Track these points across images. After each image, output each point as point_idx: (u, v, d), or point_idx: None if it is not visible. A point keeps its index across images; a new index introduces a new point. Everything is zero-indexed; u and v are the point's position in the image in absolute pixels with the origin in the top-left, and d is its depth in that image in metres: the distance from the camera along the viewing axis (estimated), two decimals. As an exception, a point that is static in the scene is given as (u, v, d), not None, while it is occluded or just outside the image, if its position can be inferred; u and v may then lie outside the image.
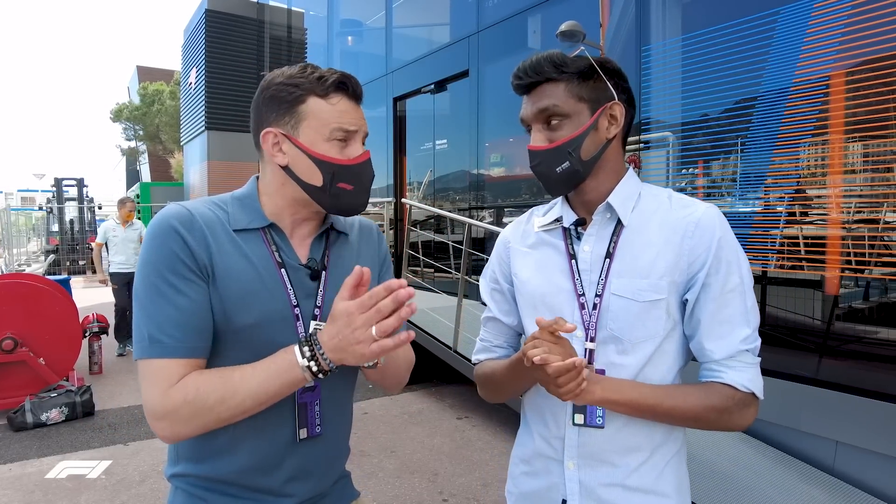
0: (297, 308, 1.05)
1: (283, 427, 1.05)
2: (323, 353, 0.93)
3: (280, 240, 1.08)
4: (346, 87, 1.05)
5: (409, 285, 0.92)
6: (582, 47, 1.12)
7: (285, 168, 1.06)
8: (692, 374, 1.09)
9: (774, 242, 3.30)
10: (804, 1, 3.09)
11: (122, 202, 6.95)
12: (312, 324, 1.06)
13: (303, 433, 1.06)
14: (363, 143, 1.10)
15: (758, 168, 3.37)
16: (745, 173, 3.45)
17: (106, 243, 6.81)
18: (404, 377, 1.20)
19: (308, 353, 0.93)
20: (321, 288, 1.09)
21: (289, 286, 1.05)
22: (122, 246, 6.66)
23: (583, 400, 0.99)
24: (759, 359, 1.03)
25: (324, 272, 1.10)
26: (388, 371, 1.13)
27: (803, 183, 3.22)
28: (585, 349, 1.06)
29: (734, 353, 1.01)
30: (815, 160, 3.17)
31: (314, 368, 0.94)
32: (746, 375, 1.00)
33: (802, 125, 3.14)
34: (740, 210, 3.48)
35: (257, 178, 1.14)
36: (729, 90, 3.51)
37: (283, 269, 1.05)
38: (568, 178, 1.06)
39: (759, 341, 1.03)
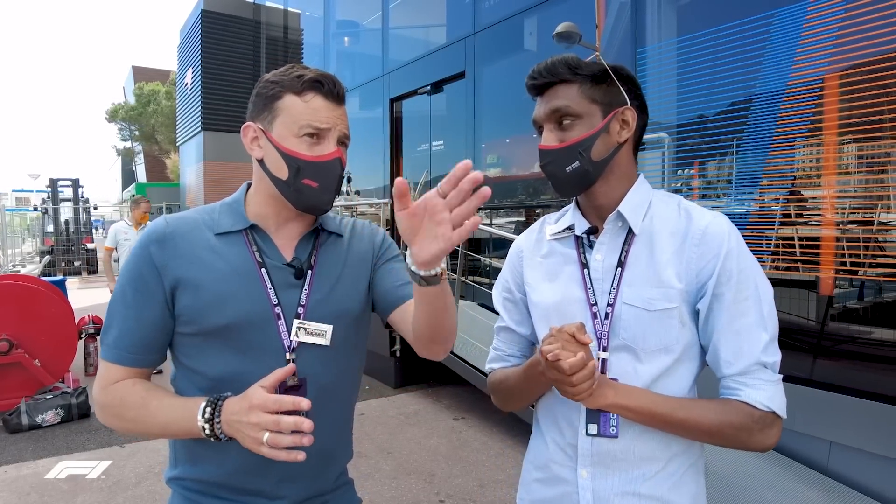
0: (277, 307, 1.06)
1: None
2: (219, 422, 0.96)
3: (262, 240, 1.09)
4: (322, 85, 1.05)
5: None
6: (596, 52, 1.13)
7: (261, 162, 1.08)
8: (710, 387, 1.08)
9: (769, 243, 3.32)
10: (798, 4, 3.11)
11: (136, 202, 6.26)
12: (296, 322, 1.06)
13: None
14: (343, 145, 1.10)
15: (753, 169, 3.39)
16: (740, 174, 3.47)
17: (116, 247, 6.12)
18: (450, 334, 1.08)
19: (208, 415, 0.96)
20: (306, 287, 1.09)
21: (269, 286, 1.06)
22: None
23: (595, 403, 0.98)
24: (780, 376, 1.00)
25: (310, 271, 1.10)
26: (433, 328, 1.04)
27: (798, 184, 3.24)
28: (598, 358, 1.05)
29: (752, 368, 0.98)
30: (810, 161, 3.19)
31: (207, 430, 0.96)
32: (766, 393, 0.97)
33: (797, 127, 3.16)
34: (736, 211, 3.49)
35: (249, 184, 1.16)
36: (724, 92, 3.53)
37: (262, 269, 1.07)
38: (578, 178, 1.06)
39: (779, 356, 1.01)
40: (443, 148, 7.02)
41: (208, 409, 0.96)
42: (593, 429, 1.05)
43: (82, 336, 5.78)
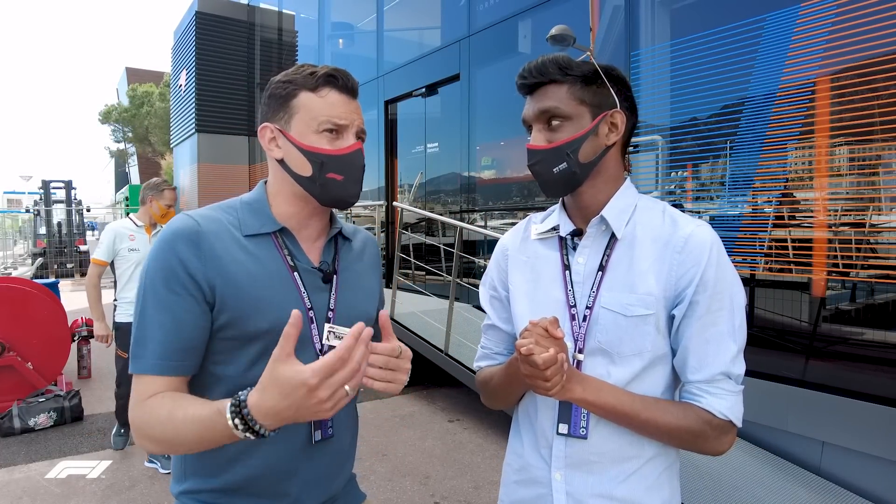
0: (311, 311, 1.06)
1: (298, 431, 1.05)
2: (257, 425, 0.84)
3: (291, 244, 1.09)
4: (336, 79, 1.05)
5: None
6: (588, 52, 1.13)
7: (281, 162, 1.08)
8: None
9: (762, 245, 3.34)
10: (789, 8, 3.14)
11: (156, 189, 3.86)
12: (326, 326, 1.06)
13: (317, 435, 1.07)
14: (360, 140, 1.09)
15: (745, 171, 3.41)
16: (733, 176, 3.49)
17: (113, 263, 3.81)
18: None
19: (241, 426, 0.84)
20: (333, 291, 1.10)
21: (302, 289, 1.06)
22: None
23: (563, 396, 1.00)
24: (742, 387, 1.02)
25: (335, 276, 1.12)
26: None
27: (790, 186, 3.26)
28: (574, 360, 1.06)
29: (717, 377, 1.00)
30: (802, 163, 3.22)
31: (250, 436, 0.86)
32: (726, 403, 0.99)
33: (789, 129, 3.19)
34: (729, 213, 3.52)
35: (265, 182, 1.15)
36: (717, 94, 3.55)
37: (295, 273, 1.06)
38: (565, 179, 1.06)
39: (743, 368, 1.02)
40: (437, 150, 7.03)
41: (238, 422, 0.85)
42: (564, 428, 1.06)
43: (75, 339, 5.73)
